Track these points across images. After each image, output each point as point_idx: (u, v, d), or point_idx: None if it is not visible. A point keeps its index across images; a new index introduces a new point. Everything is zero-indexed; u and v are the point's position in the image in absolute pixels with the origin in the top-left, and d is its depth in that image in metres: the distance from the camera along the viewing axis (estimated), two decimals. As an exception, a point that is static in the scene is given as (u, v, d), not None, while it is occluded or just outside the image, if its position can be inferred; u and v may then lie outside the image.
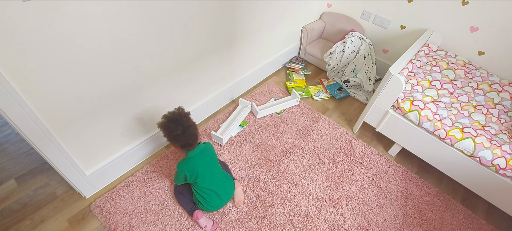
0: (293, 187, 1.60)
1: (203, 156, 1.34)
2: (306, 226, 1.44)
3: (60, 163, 1.24)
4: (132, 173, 1.58)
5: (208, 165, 1.36)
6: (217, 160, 1.44)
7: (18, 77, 0.92)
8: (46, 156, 1.17)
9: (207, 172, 1.34)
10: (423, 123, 1.56)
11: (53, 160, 1.21)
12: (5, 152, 1.65)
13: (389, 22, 2.25)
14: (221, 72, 1.84)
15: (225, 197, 1.42)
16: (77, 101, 1.14)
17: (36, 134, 1.08)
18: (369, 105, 1.80)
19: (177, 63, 1.46)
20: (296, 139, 1.88)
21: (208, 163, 1.36)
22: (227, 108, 2.04)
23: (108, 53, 1.12)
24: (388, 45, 2.36)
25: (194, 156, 1.31)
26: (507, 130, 1.54)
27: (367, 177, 1.71)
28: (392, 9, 2.18)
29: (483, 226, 1.55)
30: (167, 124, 1.24)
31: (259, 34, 1.94)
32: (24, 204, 1.42)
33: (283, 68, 2.53)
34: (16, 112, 0.97)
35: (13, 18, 0.82)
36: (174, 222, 1.39)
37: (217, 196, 1.36)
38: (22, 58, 0.90)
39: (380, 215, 1.53)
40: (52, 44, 0.93)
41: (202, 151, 1.34)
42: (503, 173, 1.41)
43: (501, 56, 1.85)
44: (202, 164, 1.32)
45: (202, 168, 1.32)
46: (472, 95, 1.75)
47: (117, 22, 1.07)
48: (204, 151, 1.35)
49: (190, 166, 1.30)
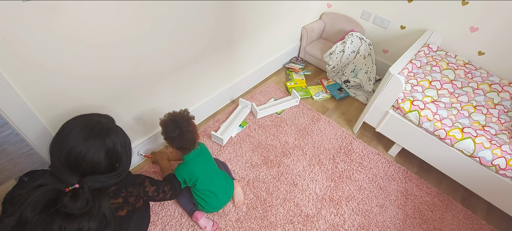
0: (293, 187, 1.60)
1: (201, 158, 1.34)
2: (306, 226, 1.44)
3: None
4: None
5: (206, 167, 1.35)
6: (213, 160, 1.44)
7: (18, 77, 0.92)
8: (46, 157, 1.17)
9: (206, 174, 1.33)
10: (423, 123, 1.56)
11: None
12: (5, 152, 1.65)
13: (389, 22, 2.25)
14: (221, 72, 1.84)
15: (225, 198, 1.42)
16: (77, 101, 1.14)
17: (36, 134, 1.08)
18: (369, 105, 1.80)
19: (177, 63, 1.46)
20: (296, 139, 1.88)
21: (206, 165, 1.36)
22: (227, 109, 2.04)
23: (108, 53, 1.11)
24: (388, 45, 2.36)
25: (191, 159, 1.30)
26: (507, 130, 1.54)
27: (367, 177, 1.71)
28: (392, 9, 2.18)
29: (483, 226, 1.55)
30: (166, 123, 1.23)
31: (259, 34, 1.94)
32: (24, 205, 1.42)
33: (283, 69, 2.53)
34: (16, 112, 0.97)
35: (13, 18, 0.82)
36: (174, 222, 1.39)
37: (216, 197, 1.36)
38: (22, 59, 0.90)
39: (380, 215, 1.53)
40: (52, 44, 0.93)
41: (198, 154, 1.32)
42: (503, 173, 1.41)
43: (501, 56, 1.85)
44: (200, 167, 1.32)
45: (200, 171, 1.31)
46: (472, 95, 1.75)
47: (117, 22, 1.07)
48: (201, 153, 1.34)
49: (188, 170, 1.29)
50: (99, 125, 0.91)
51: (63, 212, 0.76)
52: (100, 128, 0.91)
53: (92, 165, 0.86)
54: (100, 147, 0.87)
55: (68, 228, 0.76)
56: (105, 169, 0.89)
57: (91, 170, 0.86)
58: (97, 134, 0.89)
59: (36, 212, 0.73)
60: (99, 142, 0.88)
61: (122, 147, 0.95)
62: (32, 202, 0.73)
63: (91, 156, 0.85)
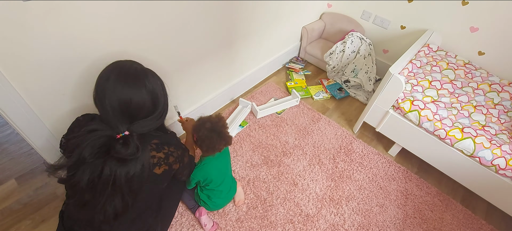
0: (293, 187, 1.60)
1: (220, 160, 1.31)
2: (306, 226, 1.44)
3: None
4: (133, 173, 1.58)
5: (222, 168, 1.33)
6: (230, 161, 1.42)
7: (18, 77, 0.92)
8: (46, 156, 1.17)
9: (220, 175, 1.32)
10: (423, 123, 1.56)
11: (54, 160, 1.20)
12: (5, 152, 1.65)
13: (389, 22, 2.25)
14: (221, 72, 1.85)
15: (229, 197, 1.42)
16: (77, 101, 1.14)
17: (36, 134, 1.08)
18: (369, 105, 1.80)
19: (177, 63, 1.46)
20: (296, 139, 1.88)
21: (223, 166, 1.34)
22: (227, 108, 2.04)
23: (109, 53, 1.12)
24: (388, 45, 2.36)
25: (209, 161, 1.27)
26: (507, 130, 1.54)
27: (367, 177, 1.71)
28: (392, 9, 2.18)
29: (483, 226, 1.55)
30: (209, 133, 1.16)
31: (259, 34, 1.94)
32: (24, 204, 1.42)
33: (283, 68, 2.53)
34: (17, 112, 0.97)
35: (14, 18, 0.82)
36: (174, 222, 1.39)
37: (222, 196, 1.36)
38: (22, 59, 0.90)
39: (380, 215, 1.53)
40: (52, 44, 0.94)
41: (218, 155, 1.29)
42: (503, 173, 1.41)
43: (501, 56, 1.85)
44: (216, 169, 1.30)
45: (216, 173, 1.29)
46: (472, 95, 1.75)
47: (117, 23, 1.07)
48: (221, 155, 1.32)
49: (205, 172, 1.27)
50: (133, 68, 0.93)
51: (115, 157, 0.81)
52: (136, 71, 0.93)
53: (138, 107, 0.89)
54: (141, 88, 0.89)
55: (119, 172, 0.81)
56: (149, 110, 0.92)
57: (137, 113, 0.90)
58: (136, 77, 0.91)
59: (92, 155, 0.79)
60: (140, 84, 0.90)
61: (160, 87, 0.97)
62: (89, 145, 0.79)
63: (137, 100, 0.88)
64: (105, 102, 0.85)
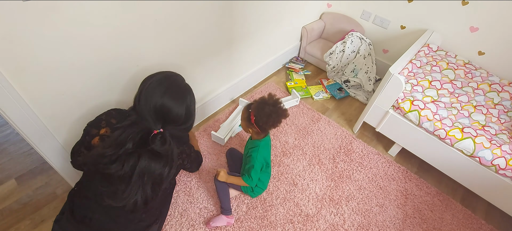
0: (293, 187, 1.60)
1: (268, 140, 1.39)
2: (306, 226, 1.44)
3: (60, 163, 1.24)
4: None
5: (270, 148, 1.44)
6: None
7: (18, 77, 0.92)
8: (46, 156, 1.17)
9: (270, 157, 1.42)
10: (423, 123, 1.56)
11: (53, 160, 1.21)
12: (5, 151, 1.65)
13: (389, 22, 2.25)
14: (221, 72, 1.84)
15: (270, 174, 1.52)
16: (77, 101, 1.14)
17: (36, 134, 1.08)
18: (369, 105, 1.80)
19: (177, 63, 1.46)
20: (296, 139, 1.88)
21: (270, 146, 1.44)
22: (227, 108, 2.04)
23: (109, 53, 1.12)
24: (388, 45, 2.36)
25: (265, 143, 1.34)
26: (507, 130, 1.54)
27: (367, 177, 1.71)
28: (392, 9, 2.18)
29: (483, 226, 1.55)
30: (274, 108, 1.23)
31: (259, 34, 1.94)
32: (24, 204, 1.42)
33: (283, 68, 2.53)
34: (16, 112, 0.97)
35: (13, 18, 0.82)
36: (174, 222, 1.39)
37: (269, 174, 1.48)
38: (22, 58, 0.90)
39: (380, 215, 1.53)
40: (52, 44, 0.94)
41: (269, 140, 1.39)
42: (503, 173, 1.41)
43: (501, 56, 1.85)
44: (269, 149, 1.41)
45: (269, 153, 1.41)
46: (472, 95, 1.75)
47: (117, 22, 1.07)
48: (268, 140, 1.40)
49: (265, 154, 1.35)
50: (182, 85, 1.08)
51: (150, 151, 0.89)
52: (181, 86, 1.06)
53: (175, 117, 1.01)
54: (182, 103, 1.02)
55: (153, 165, 0.90)
56: (181, 122, 1.04)
57: (171, 121, 1.01)
58: (182, 93, 1.04)
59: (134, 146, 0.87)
60: (183, 100, 1.03)
61: (194, 105, 1.10)
62: (131, 136, 0.87)
63: (176, 111, 1.00)
64: (150, 102, 0.95)
